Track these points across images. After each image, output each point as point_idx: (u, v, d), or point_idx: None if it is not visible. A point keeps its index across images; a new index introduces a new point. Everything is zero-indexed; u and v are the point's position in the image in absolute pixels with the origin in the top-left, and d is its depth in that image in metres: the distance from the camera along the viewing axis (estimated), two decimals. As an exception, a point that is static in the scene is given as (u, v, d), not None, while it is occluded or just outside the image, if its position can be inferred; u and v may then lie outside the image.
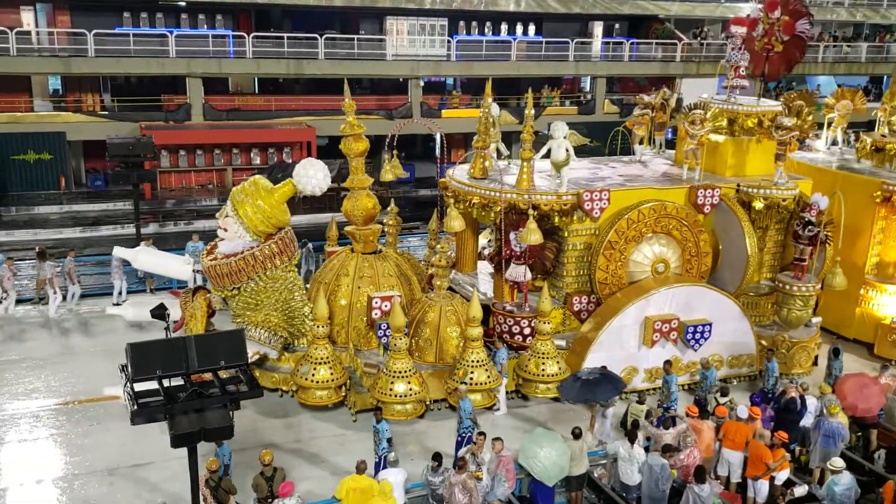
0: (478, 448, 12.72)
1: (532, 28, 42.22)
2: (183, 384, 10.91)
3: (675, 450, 12.85)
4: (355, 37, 36.98)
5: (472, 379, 14.90)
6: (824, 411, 14.27)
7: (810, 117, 18.47)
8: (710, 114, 17.83)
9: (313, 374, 14.86)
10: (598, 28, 43.33)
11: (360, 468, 12.01)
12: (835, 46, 46.28)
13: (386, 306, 15.81)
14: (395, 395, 14.54)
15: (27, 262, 22.31)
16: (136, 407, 10.49)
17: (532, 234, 15.48)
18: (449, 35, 38.95)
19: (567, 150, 16.41)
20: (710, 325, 16.47)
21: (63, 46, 32.94)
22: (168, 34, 33.90)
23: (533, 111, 16.52)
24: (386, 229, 18.78)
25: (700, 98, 18.70)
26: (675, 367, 16.24)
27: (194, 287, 16.61)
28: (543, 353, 15.57)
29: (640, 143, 19.77)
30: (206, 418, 10.66)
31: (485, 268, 19.01)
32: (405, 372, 14.66)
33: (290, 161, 33.81)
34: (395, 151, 17.76)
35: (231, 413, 11.05)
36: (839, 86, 45.34)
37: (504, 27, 41.76)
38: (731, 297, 16.93)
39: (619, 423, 15.06)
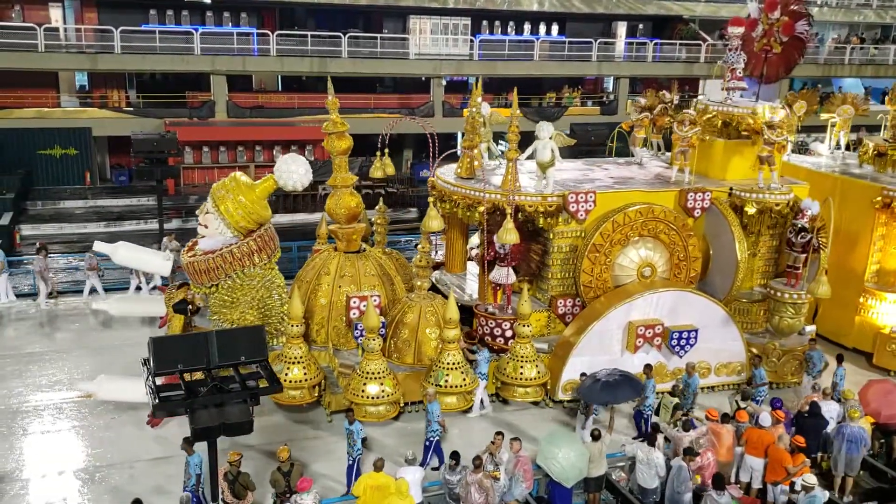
0: (496, 448, 12.69)
1: (555, 28, 42.16)
2: (203, 379, 11.00)
3: (696, 454, 12.76)
4: (378, 35, 37.12)
5: (447, 381, 14.70)
6: (846, 416, 14.13)
7: (802, 111, 18.13)
8: (699, 114, 17.39)
9: (286, 374, 14.58)
10: (621, 28, 43.17)
11: (378, 465, 12.04)
12: (862, 48, 45.77)
13: (364, 306, 15.50)
14: (368, 397, 14.36)
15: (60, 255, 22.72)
16: (157, 401, 10.59)
17: (508, 234, 15.21)
18: (472, 34, 39.01)
19: (552, 151, 15.96)
20: (696, 331, 16.02)
21: (90, 43, 33.31)
22: (193, 32, 34.20)
23: (519, 111, 16.20)
24: (375, 228, 18.50)
25: (696, 99, 18.37)
26: (661, 373, 16.00)
27: (178, 283, 16.56)
28: (522, 357, 15.30)
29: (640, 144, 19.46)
30: (225, 413, 10.74)
31: (474, 269, 18.70)
32: (378, 373, 14.44)
33: (313, 159, 33.99)
34: (386, 150, 17.41)
35: (251, 408, 11.12)
36: (866, 88, 44.61)
37: (527, 27, 41.72)
38: (719, 304, 16.48)
39: (654, 412, 14.95)
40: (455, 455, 12.45)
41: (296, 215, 31.20)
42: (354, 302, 15.72)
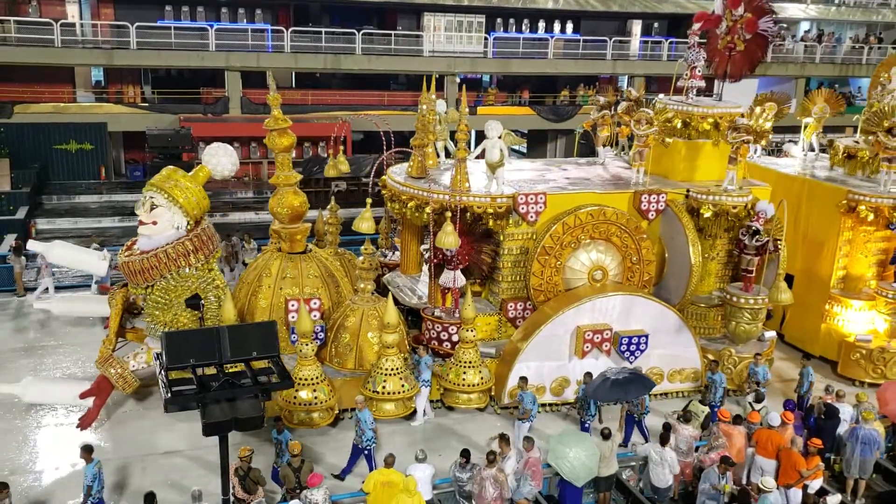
0: (500, 456, 12.66)
1: (570, 26, 42.01)
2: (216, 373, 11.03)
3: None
4: (392, 32, 37.15)
5: (384, 388, 14.27)
6: (860, 419, 14.05)
7: (771, 114, 17.75)
8: (657, 113, 16.84)
9: None
10: (636, 27, 42.99)
11: (389, 462, 12.07)
12: (880, 48, 45.39)
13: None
14: (300, 403, 13.91)
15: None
16: (169, 395, 10.63)
17: (448, 238, 14.65)
18: (486, 32, 38.92)
19: (501, 151, 15.37)
20: (647, 336, 15.47)
21: (106, 39, 33.55)
22: (208, 28, 34.34)
23: (467, 109, 15.61)
24: (326, 228, 18.04)
25: (657, 98, 17.89)
26: None
27: (122, 283, 16.08)
28: (465, 362, 14.82)
29: (604, 144, 18.96)
30: (237, 408, 10.77)
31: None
32: (312, 379, 13.95)
33: (326, 156, 34.00)
34: (341, 147, 17.03)
35: (262, 403, 11.15)
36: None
37: (542, 25, 41.61)
38: (672, 308, 15.91)
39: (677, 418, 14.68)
40: (465, 452, 12.46)
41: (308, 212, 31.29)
42: (293, 305, 15.09)
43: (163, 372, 10.97)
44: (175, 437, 14.25)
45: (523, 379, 14.59)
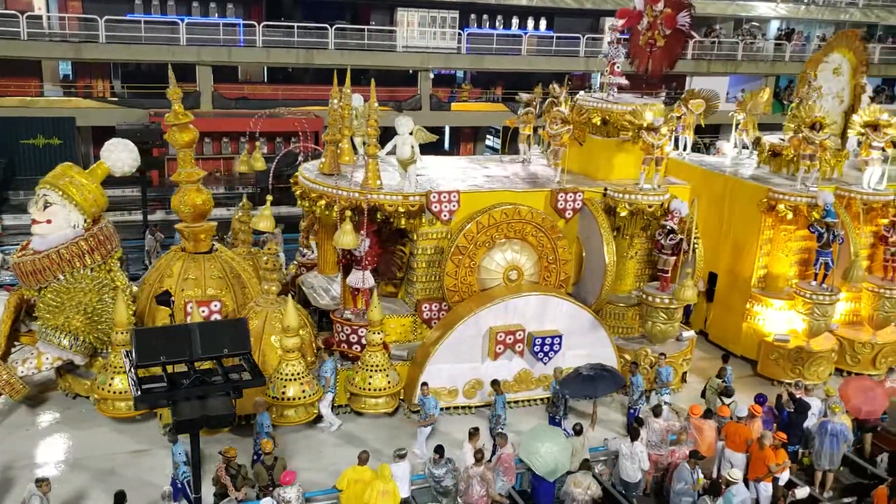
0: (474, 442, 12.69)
1: (543, 22, 42.12)
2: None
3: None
4: (365, 27, 37.09)
5: (284, 393, 13.85)
6: (828, 412, 14.25)
7: (700, 110, 17.43)
8: (573, 111, 16.64)
9: (111, 384, 13.65)
10: (609, 24, 43.13)
11: (363, 459, 12.04)
12: (848, 47, 46.01)
13: (203, 312, 14.47)
14: None
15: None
16: (139, 392, 10.52)
17: (345, 237, 14.27)
18: (460, 28, 38.96)
19: (412, 147, 15.00)
20: (560, 337, 15.33)
21: (74, 32, 33.27)
22: (179, 22, 34.13)
23: (377, 103, 15.40)
24: (237, 226, 17.70)
25: (578, 96, 17.62)
26: (527, 380, 15.63)
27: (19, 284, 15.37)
28: (372, 366, 14.51)
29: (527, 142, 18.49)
30: (207, 405, 10.70)
31: None
32: None
33: (298, 151, 33.78)
34: (256, 143, 16.73)
35: (233, 401, 11.07)
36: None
37: (515, 21, 41.69)
38: (586, 308, 15.78)
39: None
40: (439, 448, 12.46)
41: (280, 208, 31.05)
42: (191, 307, 14.54)
43: (132, 370, 10.86)
44: (142, 436, 14.01)
45: (425, 384, 14.39)
